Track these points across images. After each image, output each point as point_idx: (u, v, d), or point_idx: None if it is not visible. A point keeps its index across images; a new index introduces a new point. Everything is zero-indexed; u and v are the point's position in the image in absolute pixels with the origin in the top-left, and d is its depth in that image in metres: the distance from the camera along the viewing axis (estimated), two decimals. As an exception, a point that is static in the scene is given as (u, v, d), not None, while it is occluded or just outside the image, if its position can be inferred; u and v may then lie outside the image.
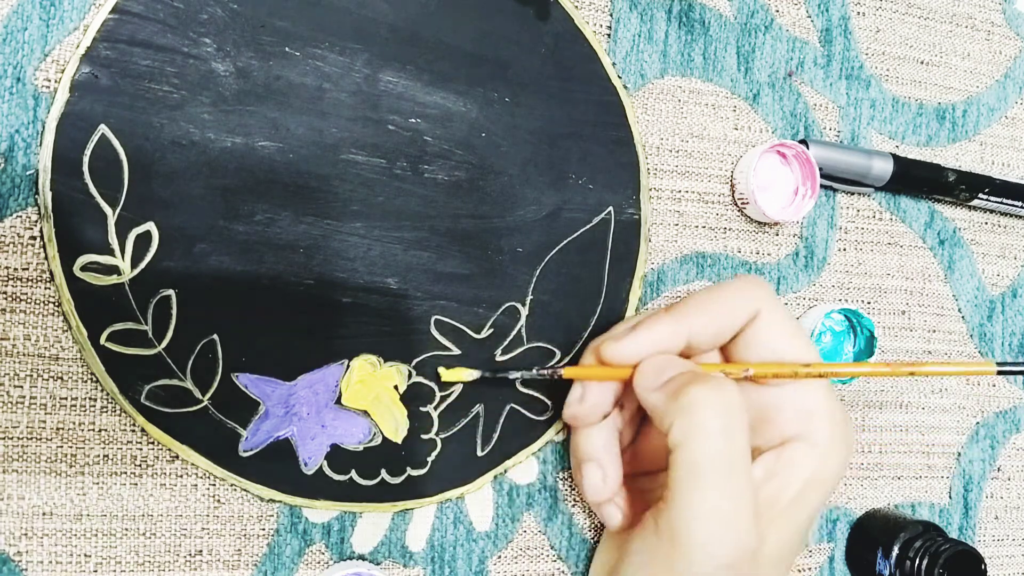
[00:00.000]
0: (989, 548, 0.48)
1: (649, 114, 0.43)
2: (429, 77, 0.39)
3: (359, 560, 0.38)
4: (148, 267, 0.35)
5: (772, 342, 0.36)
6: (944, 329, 0.48)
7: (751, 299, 0.36)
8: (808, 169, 0.43)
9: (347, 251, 0.38)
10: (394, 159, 0.38)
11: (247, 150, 0.36)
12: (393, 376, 0.38)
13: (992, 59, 0.50)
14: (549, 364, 0.39)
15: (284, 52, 0.37)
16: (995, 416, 0.48)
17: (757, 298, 0.36)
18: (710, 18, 0.44)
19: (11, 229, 0.34)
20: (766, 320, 0.36)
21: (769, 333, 0.36)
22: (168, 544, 0.36)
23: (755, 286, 0.36)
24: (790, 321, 0.36)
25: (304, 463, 0.37)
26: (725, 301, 0.36)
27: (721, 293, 0.36)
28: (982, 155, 0.49)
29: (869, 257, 0.46)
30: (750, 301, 0.36)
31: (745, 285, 0.36)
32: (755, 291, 0.36)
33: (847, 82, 0.46)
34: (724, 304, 0.36)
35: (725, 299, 0.36)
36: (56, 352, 0.35)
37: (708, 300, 0.36)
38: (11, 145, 0.34)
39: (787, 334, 0.36)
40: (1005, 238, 0.49)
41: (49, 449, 0.34)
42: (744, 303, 0.36)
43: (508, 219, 0.40)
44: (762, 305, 0.36)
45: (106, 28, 0.35)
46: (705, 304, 0.36)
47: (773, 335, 0.36)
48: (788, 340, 0.36)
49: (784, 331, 0.36)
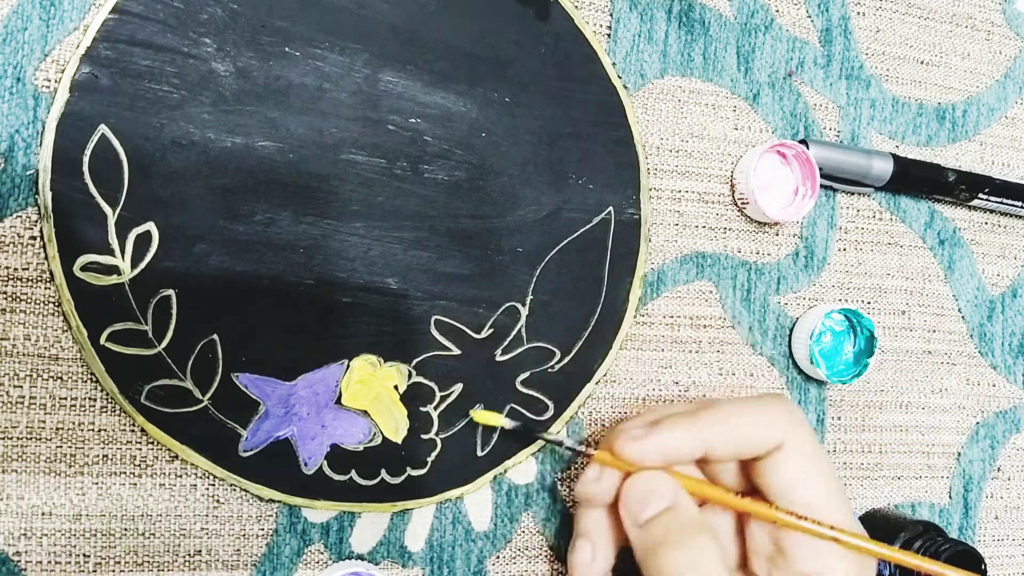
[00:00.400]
0: (989, 548, 0.48)
1: (649, 114, 0.43)
2: (429, 77, 0.39)
3: (358, 560, 0.38)
4: (148, 267, 0.35)
5: (793, 478, 0.34)
6: (944, 329, 0.48)
7: (777, 426, 0.34)
8: (808, 169, 0.43)
9: (347, 251, 0.38)
10: (394, 159, 0.38)
11: (247, 150, 0.36)
12: (393, 376, 0.38)
13: (992, 59, 0.50)
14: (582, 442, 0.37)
15: (284, 52, 0.37)
16: (995, 416, 0.48)
17: (784, 426, 0.34)
18: (710, 18, 0.44)
19: (11, 229, 0.34)
20: (791, 454, 0.34)
21: (791, 467, 0.34)
22: (167, 544, 0.36)
23: (784, 412, 0.35)
24: (816, 458, 0.35)
25: (304, 463, 0.37)
26: (750, 421, 0.35)
27: (747, 410, 0.35)
28: (982, 155, 0.49)
29: (869, 257, 0.46)
30: (776, 428, 0.34)
31: (773, 409, 0.35)
32: (783, 418, 0.35)
33: (847, 82, 0.46)
34: (748, 424, 0.34)
35: (750, 419, 0.35)
36: (56, 352, 0.35)
37: (732, 414, 0.35)
38: (11, 145, 0.34)
39: (811, 474, 0.34)
40: (1005, 238, 0.49)
41: (49, 449, 0.34)
42: (769, 429, 0.34)
43: (508, 219, 0.40)
44: (788, 436, 0.34)
45: (106, 28, 0.35)
46: (728, 418, 0.35)
47: (795, 470, 0.34)
48: (811, 482, 0.34)
49: (809, 468, 0.34)
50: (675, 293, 0.43)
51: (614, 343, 0.41)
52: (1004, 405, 0.49)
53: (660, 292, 0.43)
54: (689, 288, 0.43)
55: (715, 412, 0.35)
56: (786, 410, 0.35)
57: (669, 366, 0.43)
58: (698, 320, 0.43)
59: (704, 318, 0.43)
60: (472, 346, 0.39)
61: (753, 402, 0.36)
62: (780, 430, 0.34)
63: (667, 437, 0.34)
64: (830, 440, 0.45)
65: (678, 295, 0.43)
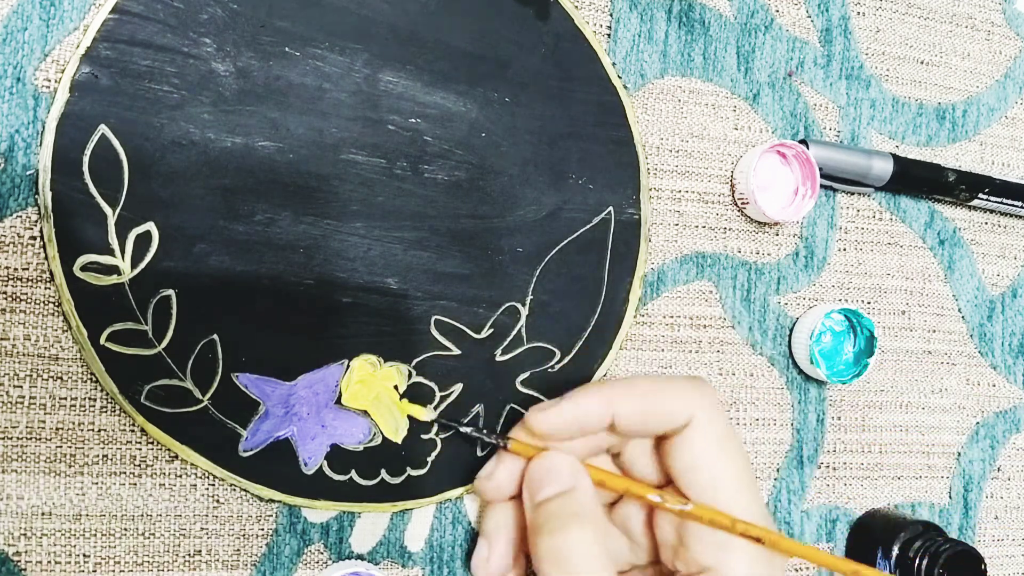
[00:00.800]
0: (989, 548, 0.48)
1: (649, 114, 0.43)
2: (429, 77, 0.39)
3: (358, 560, 0.38)
4: (148, 267, 0.35)
5: (700, 457, 0.34)
6: (944, 329, 0.48)
7: (688, 402, 0.34)
8: (808, 169, 0.43)
9: (347, 251, 0.38)
10: (394, 159, 0.38)
11: (247, 150, 0.36)
12: (393, 376, 0.38)
13: (992, 59, 0.50)
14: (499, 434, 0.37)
15: (284, 52, 0.37)
16: (995, 416, 0.48)
17: (694, 404, 0.34)
18: (710, 18, 0.44)
19: (11, 229, 0.34)
20: (700, 431, 0.34)
21: (699, 446, 0.34)
22: (167, 544, 0.36)
23: (696, 390, 0.35)
24: (726, 439, 0.34)
25: (304, 463, 0.37)
26: (661, 395, 0.34)
27: (660, 385, 0.35)
28: (982, 155, 0.49)
29: (869, 257, 0.46)
30: (686, 404, 0.34)
31: (686, 386, 0.35)
32: (695, 396, 0.34)
33: (847, 82, 0.46)
34: (658, 397, 0.34)
35: (661, 393, 0.34)
36: (56, 352, 0.35)
37: (643, 387, 0.35)
38: (11, 145, 0.34)
39: (718, 455, 0.34)
40: (1005, 238, 0.49)
41: (48, 449, 0.34)
42: (679, 404, 0.34)
43: (508, 219, 0.40)
44: (698, 413, 0.34)
45: (106, 28, 0.35)
46: (639, 390, 0.35)
47: (702, 449, 0.34)
48: (718, 463, 0.34)
49: (715, 448, 0.34)
50: (675, 293, 0.43)
51: (614, 343, 0.41)
52: (1004, 405, 0.49)
53: (660, 292, 0.43)
54: (689, 288, 0.43)
55: (627, 382, 0.35)
56: (699, 390, 0.35)
57: (669, 366, 0.43)
58: (698, 320, 0.43)
59: (704, 318, 0.43)
60: (472, 346, 0.39)
61: (667, 378, 0.36)
62: (689, 407, 0.34)
63: (576, 403, 0.34)
64: (830, 440, 0.45)
65: (678, 295, 0.43)
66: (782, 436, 0.44)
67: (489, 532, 0.37)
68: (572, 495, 0.34)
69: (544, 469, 0.34)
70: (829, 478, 0.45)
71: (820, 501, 0.45)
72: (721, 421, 0.35)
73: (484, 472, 0.37)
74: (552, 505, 0.33)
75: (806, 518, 0.44)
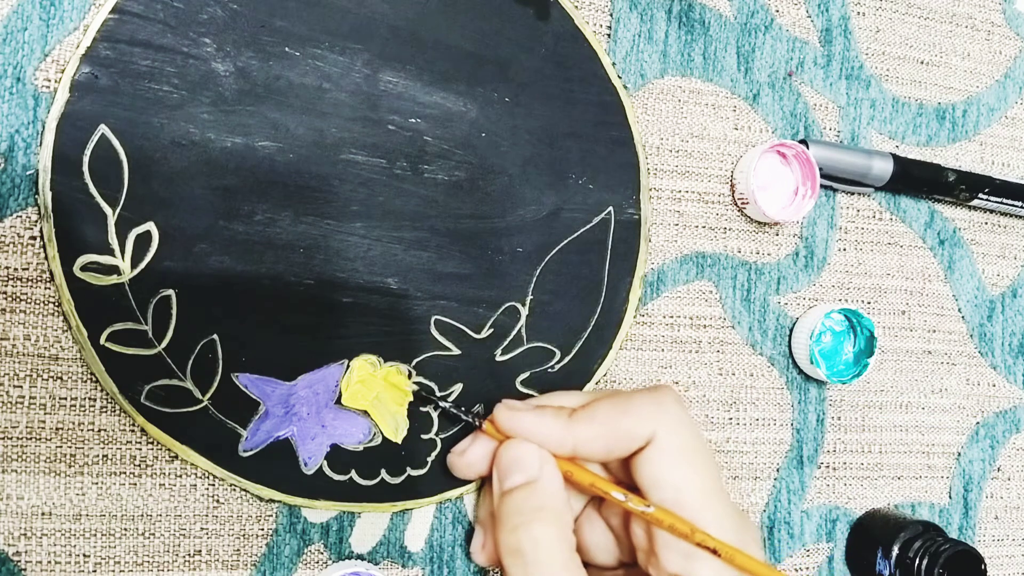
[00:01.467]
0: (989, 548, 0.48)
1: (649, 114, 0.43)
2: (429, 77, 0.39)
3: (358, 560, 0.38)
4: (148, 267, 0.35)
5: (662, 472, 0.33)
6: (944, 329, 0.48)
7: (648, 420, 0.34)
8: (808, 169, 0.43)
9: (347, 251, 0.38)
10: (394, 159, 0.38)
11: (247, 150, 0.36)
12: (402, 386, 0.38)
13: (992, 59, 0.50)
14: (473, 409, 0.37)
15: (284, 52, 0.37)
16: (995, 416, 0.48)
17: (655, 420, 0.34)
18: (710, 18, 0.44)
19: (11, 229, 0.34)
20: (660, 447, 0.34)
21: (661, 461, 0.34)
22: (167, 544, 0.36)
23: (657, 405, 0.34)
24: (690, 451, 0.34)
25: (304, 463, 0.37)
26: (620, 419, 0.34)
27: (619, 407, 0.34)
28: (982, 155, 0.49)
29: (869, 257, 0.46)
30: (647, 422, 0.34)
31: (646, 403, 0.34)
32: (655, 411, 0.34)
33: (847, 82, 0.46)
34: (618, 422, 0.34)
35: (621, 416, 0.34)
36: (56, 352, 0.35)
37: (603, 413, 0.34)
38: (11, 145, 0.34)
39: (681, 465, 0.34)
40: (1005, 238, 0.49)
41: (48, 449, 0.34)
42: (640, 424, 0.34)
43: (508, 219, 0.40)
44: (659, 429, 0.34)
45: (106, 28, 0.35)
46: (599, 417, 0.34)
47: (664, 464, 0.34)
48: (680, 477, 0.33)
49: (678, 462, 0.34)
50: (675, 293, 0.43)
51: (614, 343, 0.41)
52: (1004, 405, 0.49)
53: (660, 292, 0.43)
54: (689, 288, 0.43)
55: (587, 413, 0.35)
56: (659, 404, 0.34)
57: (669, 366, 0.43)
58: (698, 320, 0.43)
59: (704, 318, 0.43)
60: (472, 346, 0.39)
61: (627, 398, 0.35)
62: (650, 425, 0.34)
63: (540, 425, 0.34)
64: (830, 440, 0.45)
65: (678, 295, 0.43)
66: (782, 436, 0.44)
67: (484, 520, 0.38)
68: (536, 487, 0.34)
69: (512, 457, 0.35)
70: (829, 478, 0.45)
71: (820, 501, 0.45)
72: (684, 434, 0.34)
73: (458, 448, 0.37)
74: (516, 498, 0.33)
75: (806, 518, 0.44)
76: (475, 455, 0.36)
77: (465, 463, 0.37)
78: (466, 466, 0.37)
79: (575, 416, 0.35)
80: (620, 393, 0.36)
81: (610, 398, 0.35)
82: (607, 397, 0.35)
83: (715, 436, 0.43)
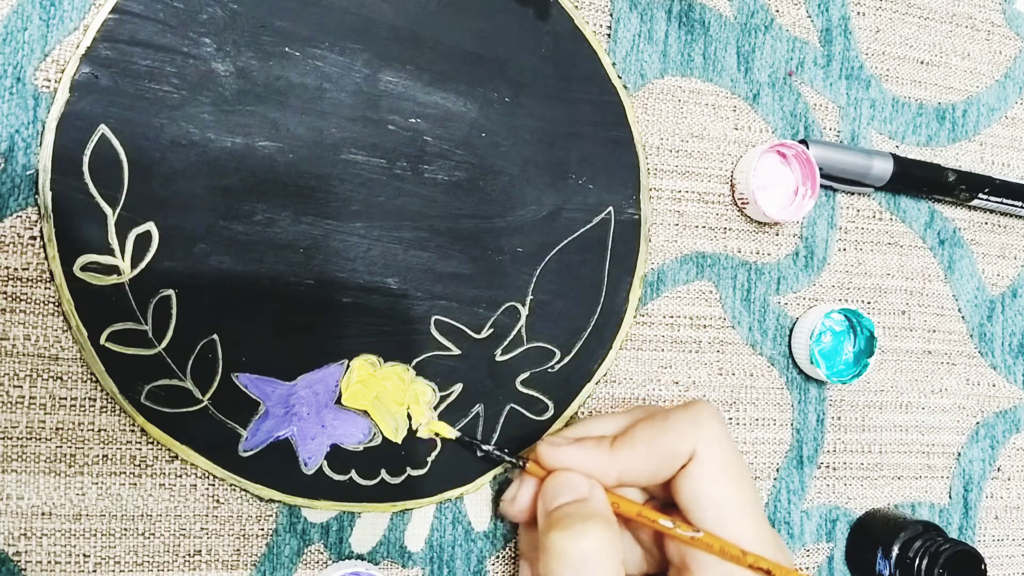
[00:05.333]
0: (989, 548, 0.48)
1: (649, 114, 0.43)
2: (429, 77, 0.39)
3: (357, 560, 0.38)
4: (148, 267, 0.35)
5: (702, 490, 0.33)
6: (944, 329, 0.48)
7: (688, 438, 0.34)
8: (808, 169, 0.43)
9: (347, 251, 0.38)
10: (394, 159, 0.38)
11: (247, 150, 0.36)
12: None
13: (992, 59, 0.50)
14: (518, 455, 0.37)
15: (284, 52, 0.37)
16: (995, 416, 0.48)
17: (694, 437, 0.34)
18: (710, 18, 0.44)
19: (11, 229, 0.34)
20: (700, 464, 0.34)
21: (701, 480, 0.34)
22: (167, 544, 0.36)
23: (693, 423, 0.34)
24: (729, 467, 0.34)
25: (304, 463, 0.37)
26: (658, 444, 0.34)
27: (656, 433, 0.34)
28: (982, 155, 0.49)
29: (869, 257, 0.46)
30: (687, 441, 0.34)
31: (683, 421, 0.34)
32: (693, 429, 0.34)
33: (847, 82, 0.46)
34: (657, 448, 0.34)
35: (658, 441, 0.34)
36: (56, 352, 0.35)
37: (642, 437, 0.34)
38: (11, 145, 0.34)
39: (721, 482, 0.34)
40: (1005, 238, 0.49)
41: (48, 449, 0.34)
42: (681, 444, 0.34)
43: (508, 219, 0.40)
44: (699, 446, 0.34)
45: (106, 28, 0.35)
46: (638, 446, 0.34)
47: (704, 482, 0.33)
48: (720, 495, 0.33)
49: (718, 479, 0.34)
50: (675, 293, 0.43)
51: (614, 343, 0.41)
52: (1004, 405, 0.49)
53: (660, 292, 0.43)
54: (689, 288, 0.43)
55: (627, 439, 0.34)
56: (695, 421, 0.34)
57: (669, 366, 0.43)
58: (698, 320, 0.43)
59: (704, 318, 0.43)
60: (472, 346, 0.39)
61: (664, 419, 0.35)
62: (688, 443, 0.34)
63: (584, 458, 0.34)
64: (830, 440, 0.45)
65: (678, 295, 0.43)
66: (782, 436, 0.44)
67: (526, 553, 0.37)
68: (588, 501, 0.33)
69: (561, 482, 0.34)
70: (829, 478, 0.45)
71: (820, 501, 0.45)
72: (722, 449, 0.34)
73: (508, 495, 0.36)
74: (568, 507, 0.33)
75: (806, 518, 0.44)
76: (525, 498, 0.36)
77: (519, 509, 0.36)
78: (519, 512, 0.36)
79: (616, 444, 0.34)
80: (657, 413, 0.35)
81: (647, 420, 0.35)
82: (644, 419, 0.35)
83: (715, 436, 0.43)
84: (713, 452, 0.34)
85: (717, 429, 0.34)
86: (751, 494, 0.34)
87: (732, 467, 0.34)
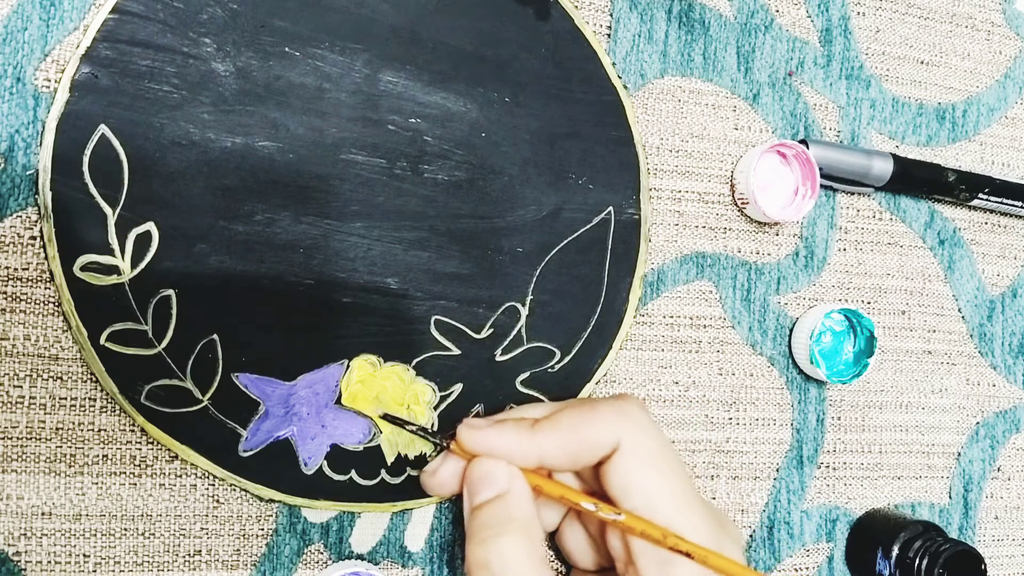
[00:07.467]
0: (989, 548, 0.48)
1: (649, 114, 0.43)
2: (429, 77, 0.39)
3: (358, 560, 0.38)
4: (148, 267, 0.35)
5: (629, 479, 0.33)
6: (944, 329, 0.48)
7: (612, 428, 0.34)
8: (808, 169, 0.43)
9: (347, 251, 0.38)
10: (394, 159, 0.38)
11: (247, 150, 0.36)
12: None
13: (992, 59, 0.50)
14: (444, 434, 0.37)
15: (284, 52, 0.37)
16: (995, 416, 0.48)
17: (619, 428, 0.34)
18: (710, 18, 0.44)
19: (11, 229, 0.34)
20: (626, 454, 0.34)
21: (628, 469, 0.34)
22: (167, 544, 0.36)
23: (620, 414, 0.34)
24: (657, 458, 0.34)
25: (304, 463, 0.37)
26: (583, 427, 0.34)
27: (582, 416, 0.34)
28: (982, 155, 0.49)
29: (869, 257, 0.46)
30: (611, 431, 0.34)
31: (610, 412, 0.34)
32: (618, 420, 0.34)
33: (847, 82, 0.46)
34: (579, 434, 0.34)
35: (584, 425, 0.34)
36: (56, 352, 0.35)
37: (566, 422, 0.34)
38: (11, 145, 0.34)
39: (649, 472, 0.33)
40: (1005, 238, 0.49)
41: (48, 449, 0.34)
42: (604, 432, 0.34)
43: (508, 219, 0.40)
44: (624, 436, 0.34)
45: (106, 28, 0.35)
46: (562, 425, 0.34)
47: (631, 471, 0.33)
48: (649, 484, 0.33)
49: (646, 469, 0.33)
50: (675, 293, 0.43)
51: (614, 343, 0.41)
52: (1004, 405, 0.49)
53: (660, 292, 0.43)
54: (689, 288, 0.43)
55: (550, 423, 0.34)
56: (623, 413, 0.34)
57: (669, 366, 0.43)
58: (698, 320, 0.43)
59: (704, 318, 0.43)
60: (472, 346, 0.39)
61: (590, 406, 0.35)
62: (614, 433, 0.34)
63: (501, 439, 0.34)
64: (830, 440, 0.45)
65: (678, 295, 0.43)
66: (782, 436, 0.44)
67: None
68: (505, 500, 0.33)
69: (480, 473, 0.34)
70: (829, 478, 0.45)
71: (820, 501, 0.45)
72: (649, 440, 0.34)
73: (429, 468, 0.37)
74: (485, 512, 0.33)
75: (806, 518, 0.44)
76: (445, 474, 0.36)
77: (437, 483, 0.36)
78: (438, 485, 0.36)
79: (538, 426, 0.34)
80: (584, 402, 0.36)
81: (573, 407, 0.35)
82: (570, 406, 0.35)
83: (715, 436, 0.43)
84: (639, 442, 0.34)
85: (644, 420, 0.35)
86: (682, 482, 0.34)
87: (660, 457, 0.34)
